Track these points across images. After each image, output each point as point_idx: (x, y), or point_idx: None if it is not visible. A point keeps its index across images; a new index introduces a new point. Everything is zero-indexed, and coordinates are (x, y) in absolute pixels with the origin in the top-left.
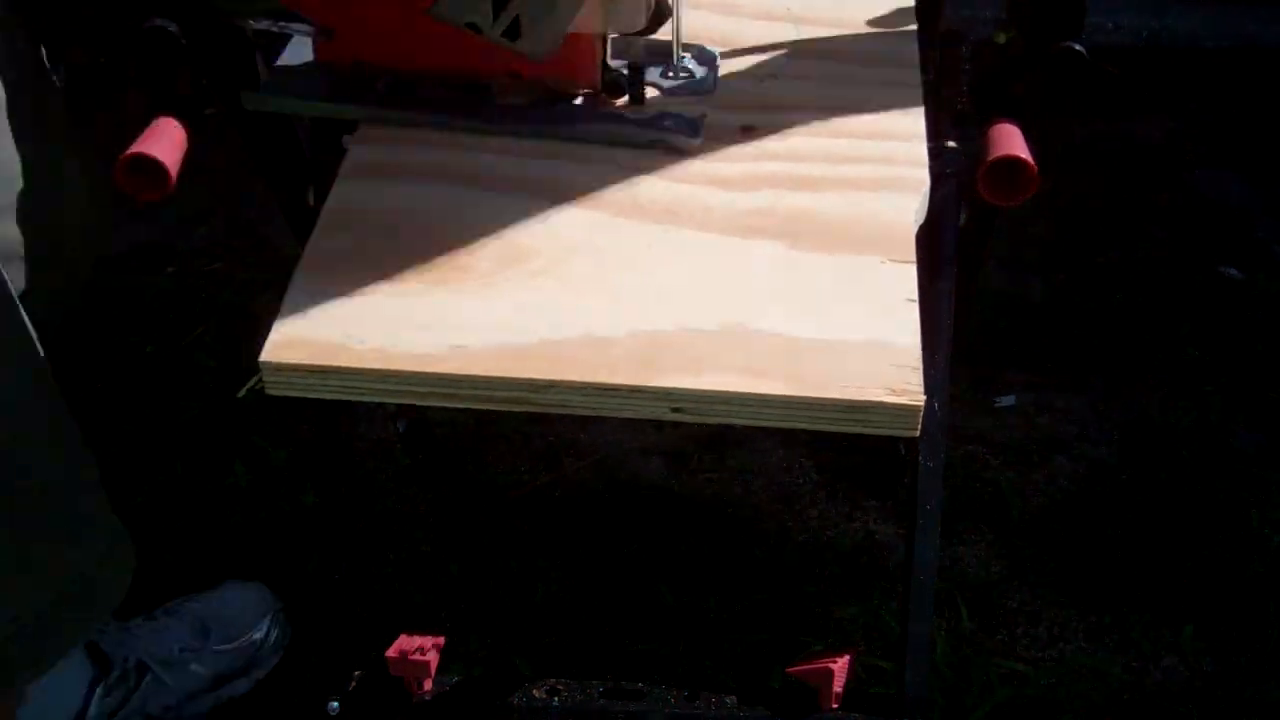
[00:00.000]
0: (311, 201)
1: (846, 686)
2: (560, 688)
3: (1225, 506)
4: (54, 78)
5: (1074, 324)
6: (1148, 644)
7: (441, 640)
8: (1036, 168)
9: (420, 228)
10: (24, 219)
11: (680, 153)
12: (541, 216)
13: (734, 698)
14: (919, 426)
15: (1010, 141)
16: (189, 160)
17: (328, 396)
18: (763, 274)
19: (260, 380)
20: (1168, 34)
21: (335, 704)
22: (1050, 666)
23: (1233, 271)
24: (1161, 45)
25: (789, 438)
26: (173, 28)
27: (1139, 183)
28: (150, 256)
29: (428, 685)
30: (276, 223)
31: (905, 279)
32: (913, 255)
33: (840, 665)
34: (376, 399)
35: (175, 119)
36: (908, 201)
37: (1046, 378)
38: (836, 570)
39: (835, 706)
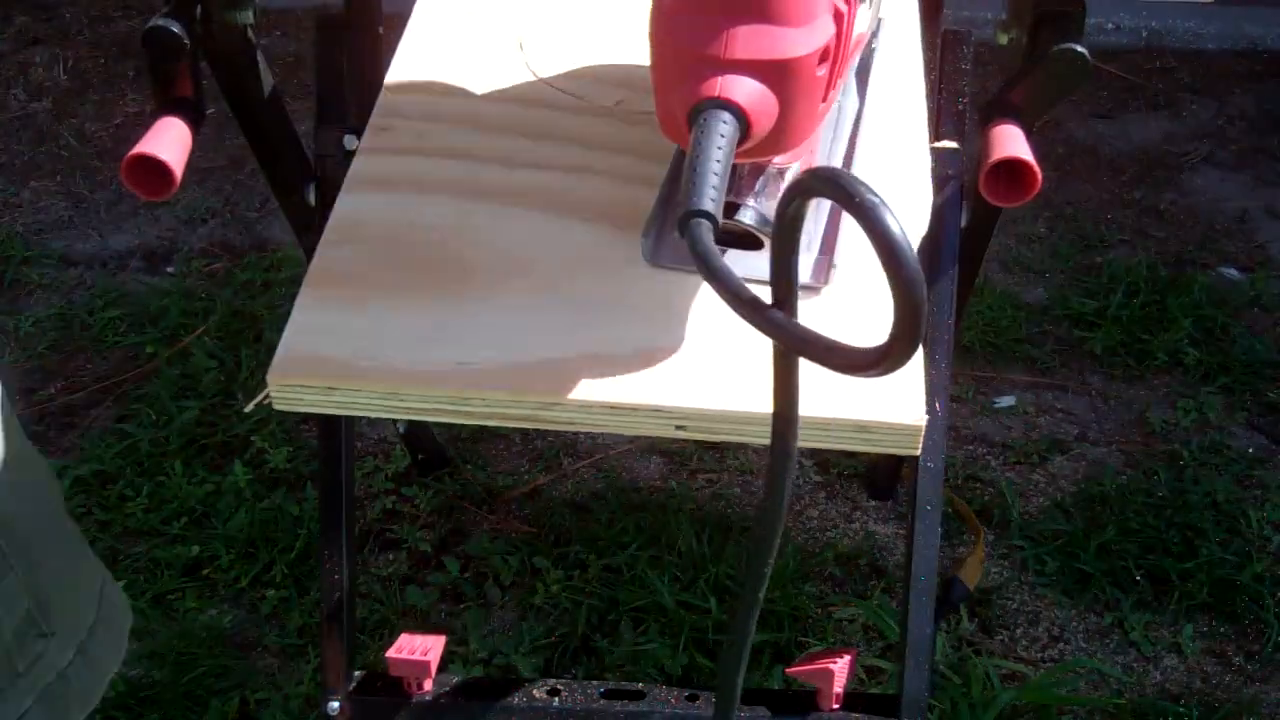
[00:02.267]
0: (312, 201)
1: (846, 687)
2: (560, 688)
3: (1225, 506)
4: None
5: (1074, 324)
6: (1148, 644)
7: (442, 640)
8: (1038, 169)
9: (424, 242)
10: None
11: None
12: (545, 230)
13: None
14: (920, 445)
15: (1012, 143)
16: (190, 160)
17: (335, 412)
18: (766, 289)
19: (268, 396)
20: (1168, 34)
21: (335, 704)
22: (1050, 667)
23: (1233, 272)
24: (1161, 45)
25: None
26: (176, 28)
27: (1139, 183)
28: (150, 256)
29: (428, 685)
30: (277, 223)
31: None
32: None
33: (840, 665)
34: (383, 414)
35: (178, 118)
36: (911, 214)
37: (1046, 378)
38: (836, 570)
39: (835, 707)
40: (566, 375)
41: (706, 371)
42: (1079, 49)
